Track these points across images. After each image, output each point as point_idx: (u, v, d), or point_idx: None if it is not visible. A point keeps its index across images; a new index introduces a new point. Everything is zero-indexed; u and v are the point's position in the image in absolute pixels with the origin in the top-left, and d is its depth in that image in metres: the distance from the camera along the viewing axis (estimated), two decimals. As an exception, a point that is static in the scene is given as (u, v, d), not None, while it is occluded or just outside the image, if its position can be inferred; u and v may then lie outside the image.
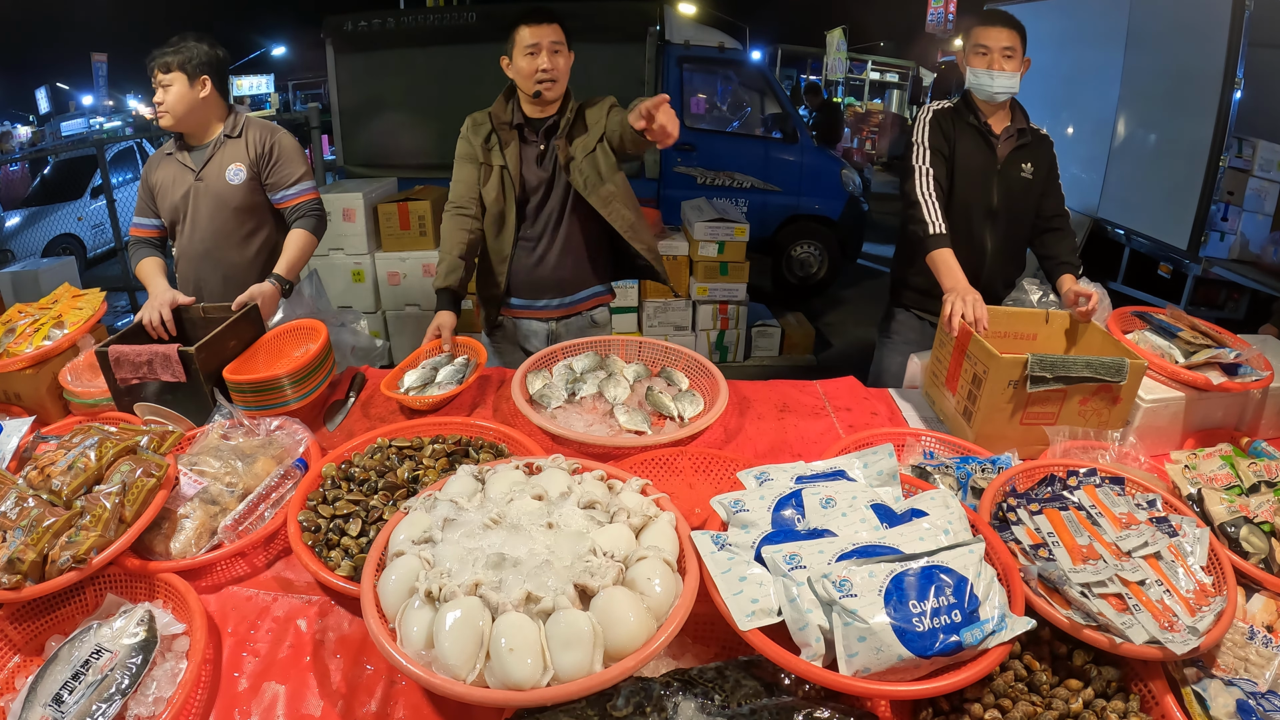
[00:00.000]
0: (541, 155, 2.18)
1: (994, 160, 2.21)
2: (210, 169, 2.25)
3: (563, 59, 2.11)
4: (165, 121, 2.21)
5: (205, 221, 2.26)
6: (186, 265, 2.33)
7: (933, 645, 0.97)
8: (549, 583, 1.02)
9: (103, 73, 16.63)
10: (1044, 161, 2.26)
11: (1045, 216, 2.27)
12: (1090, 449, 1.57)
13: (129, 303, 6.20)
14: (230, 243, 2.29)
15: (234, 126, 2.28)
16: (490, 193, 2.19)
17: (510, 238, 2.22)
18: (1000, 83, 2.13)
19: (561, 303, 2.35)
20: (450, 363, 1.98)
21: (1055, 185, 2.29)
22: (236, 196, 2.25)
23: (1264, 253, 4.30)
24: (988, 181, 2.22)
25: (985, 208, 2.23)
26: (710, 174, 5.95)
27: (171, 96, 2.18)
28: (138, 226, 2.32)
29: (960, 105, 2.25)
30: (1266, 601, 1.24)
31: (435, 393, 1.88)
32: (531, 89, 2.09)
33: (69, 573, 1.21)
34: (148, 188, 2.30)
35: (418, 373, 1.95)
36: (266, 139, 2.27)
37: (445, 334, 2.06)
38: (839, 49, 14.18)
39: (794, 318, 5.28)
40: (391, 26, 5.45)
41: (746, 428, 1.85)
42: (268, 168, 2.27)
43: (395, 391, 1.89)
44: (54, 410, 1.84)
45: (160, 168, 2.29)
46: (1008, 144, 2.22)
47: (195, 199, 2.25)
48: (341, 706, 1.13)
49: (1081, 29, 5.68)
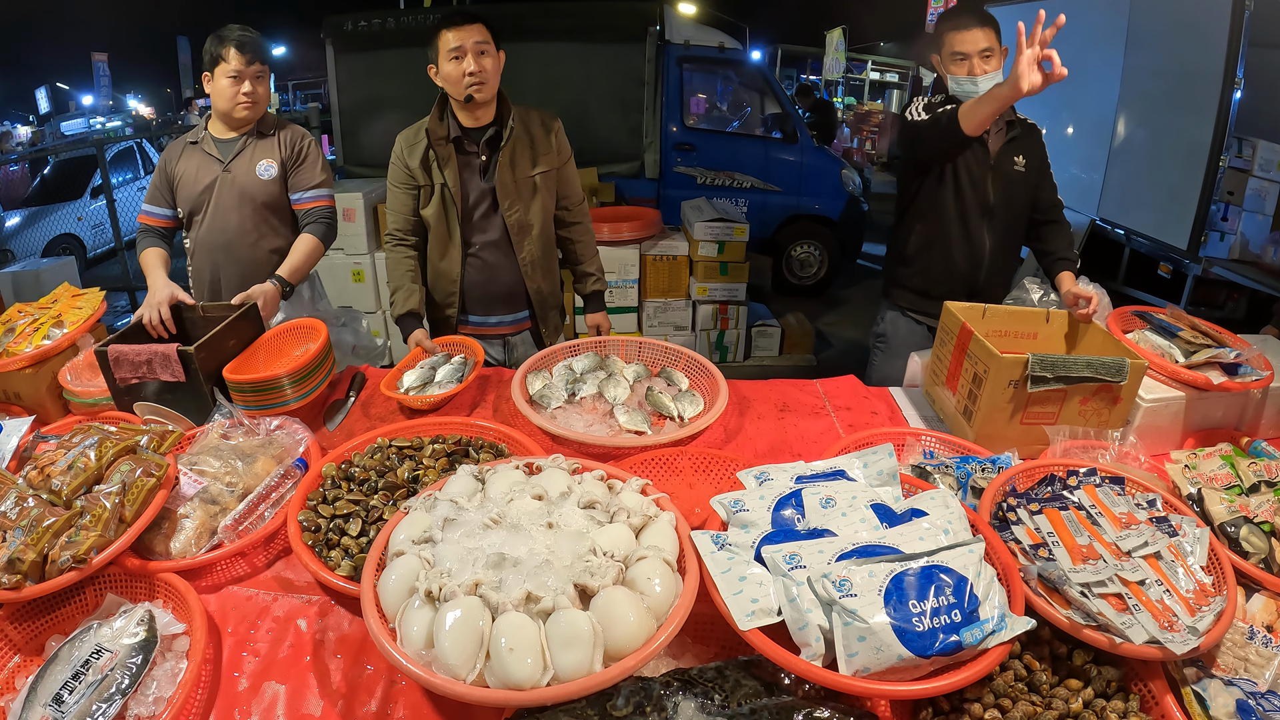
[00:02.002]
0: (484, 167, 2.13)
1: (987, 157, 2.17)
2: (239, 162, 2.25)
3: (490, 60, 2.02)
4: (248, 113, 2.22)
5: (228, 214, 2.27)
6: (203, 257, 2.33)
7: (932, 645, 0.97)
8: (549, 582, 1.02)
9: (103, 72, 16.63)
10: (1035, 152, 2.22)
11: (1041, 209, 2.24)
12: (1090, 449, 1.57)
13: (129, 303, 6.20)
14: (251, 239, 2.29)
15: (268, 124, 2.29)
16: (431, 213, 2.15)
17: (458, 256, 2.19)
18: (985, 86, 2.05)
19: (516, 318, 2.31)
20: (448, 362, 1.98)
21: (1048, 175, 2.26)
22: (265, 192, 2.26)
23: (1264, 253, 4.29)
24: (982, 179, 2.18)
25: (982, 206, 2.20)
26: (710, 174, 5.95)
27: (263, 89, 2.21)
28: (148, 214, 2.30)
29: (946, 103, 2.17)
30: (1266, 601, 1.24)
31: (435, 392, 1.88)
32: (461, 94, 2.02)
33: (69, 573, 1.21)
34: (165, 176, 2.29)
35: (417, 372, 1.95)
36: (299, 140, 2.30)
37: (428, 344, 2.06)
38: (838, 49, 14.17)
39: (794, 318, 5.28)
40: (391, 26, 5.45)
41: (746, 428, 1.85)
42: (294, 167, 2.29)
43: (395, 391, 1.89)
44: (54, 410, 1.84)
45: (183, 157, 2.28)
46: (998, 138, 2.18)
47: (220, 191, 2.25)
48: (341, 706, 1.13)
49: (1081, 29, 5.67)
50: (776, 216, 6.13)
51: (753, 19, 12.82)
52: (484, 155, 2.12)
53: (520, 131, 2.12)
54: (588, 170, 5.35)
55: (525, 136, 2.14)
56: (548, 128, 2.18)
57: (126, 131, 12.83)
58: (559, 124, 2.21)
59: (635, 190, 5.84)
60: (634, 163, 5.86)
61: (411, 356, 2.06)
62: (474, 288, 2.24)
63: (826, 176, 6.19)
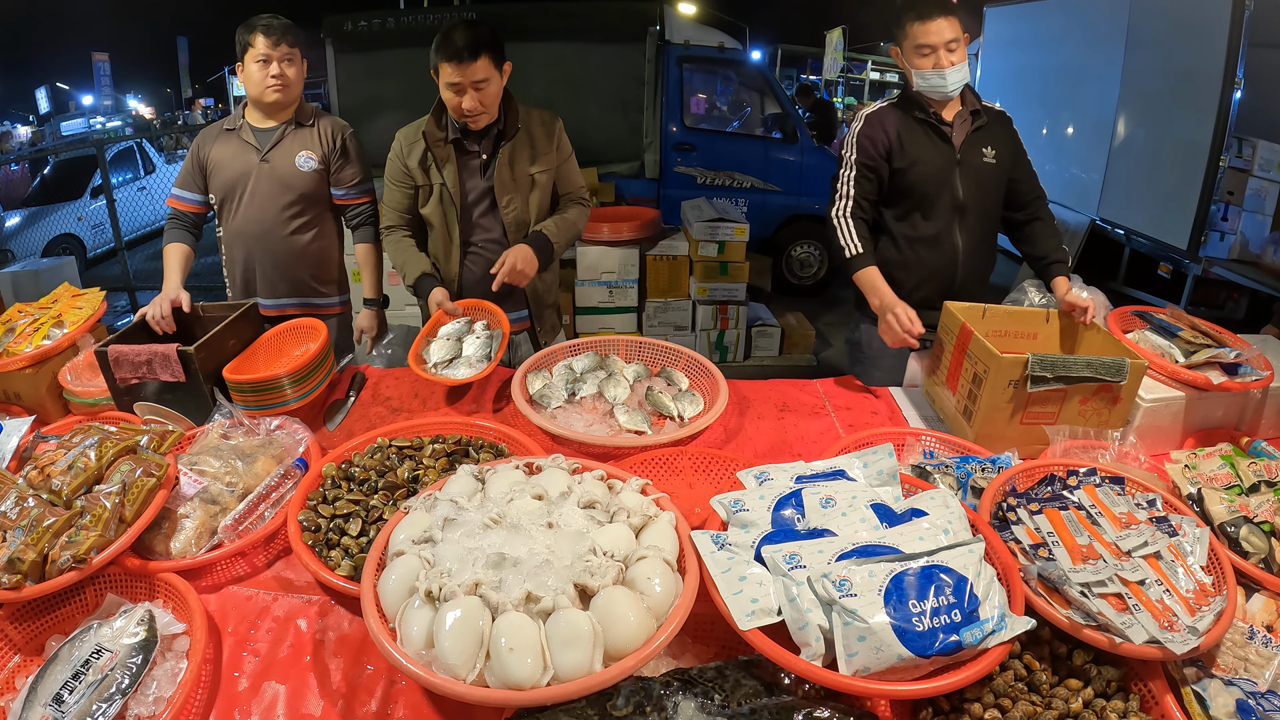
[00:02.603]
0: (484, 166, 2.12)
1: (951, 151, 2.04)
2: (278, 152, 2.25)
3: (492, 88, 1.99)
4: (280, 96, 2.20)
5: (264, 203, 2.26)
6: (238, 247, 2.32)
7: (932, 645, 0.97)
8: (549, 582, 1.02)
9: (103, 72, 16.64)
10: (1007, 143, 2.09)
11: (1022, 204, 2.11)
12: (1090, 449, 1.57)
13: (129, 303, 6.20)
14: (286, 230, 2.29)
15: (306, 114, 2.29)
16: (430, 212, 2.14)
17: (457, 255, 2.18)
18: (953, 79, 1.97)
19: (515, 318, 2.28)
20: (470, 331, 1.96)
21: (1025, 166, 2.11)
22: (303, 184, 2.26)
23: (1264, 253, 4.30)
24: (948, 175, 2.05)
25: (951, 203, 2.07)
26: (710, 174, 5.95)
27: (294, 72, 2.21)
28: (178, 199, 2.29)
29: (902, 101, 2.09)
30: (1266, 601, 1.24)
31: (464, 369, 1.87)
32: (459, 121, 2.04)
33: (69, 573, 1.21)
34: (198, 162, 2.28)
35: (440, 345, 1.92)
36: (340, 134, 2.31)
37: (449, 305, 2.02)
38: (836, 49, 14.18)
39: (794, 318, 5.28)
40: (391, 26, 5.45)
41: (746, 427, 1.85)
42: (337, 161, 2.30)
43: (422, 368, 1.88)
44: (54, 410, 1.84)
45: (218, 143, 2.27)
46: (962, 129, 2.05)
47: (256, 179, 2.25)
48: (341, 706, 1.13)
49: (1081, 29, 5.68)
50: (776, 216, 6.13)
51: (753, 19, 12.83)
52: (485, 154, 2.12)
53: (522, 131, 2.12)
54: (588, 170, 5.35)
55: (526, 136, 2.13)
56: (548, 127, 2.17)
57: (126, 131, 12.85)
58: (559, 124, 2.21)
59: (635, 190, 5.84)
60: (634, 163, 5.86)
61: (434, 321, 2.03)
62: (473, 286, 2.23)
63: (826, 176, 6.16)
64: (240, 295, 2.37)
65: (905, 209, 2.12)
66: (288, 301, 2.37)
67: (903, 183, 2.08)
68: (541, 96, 3.41)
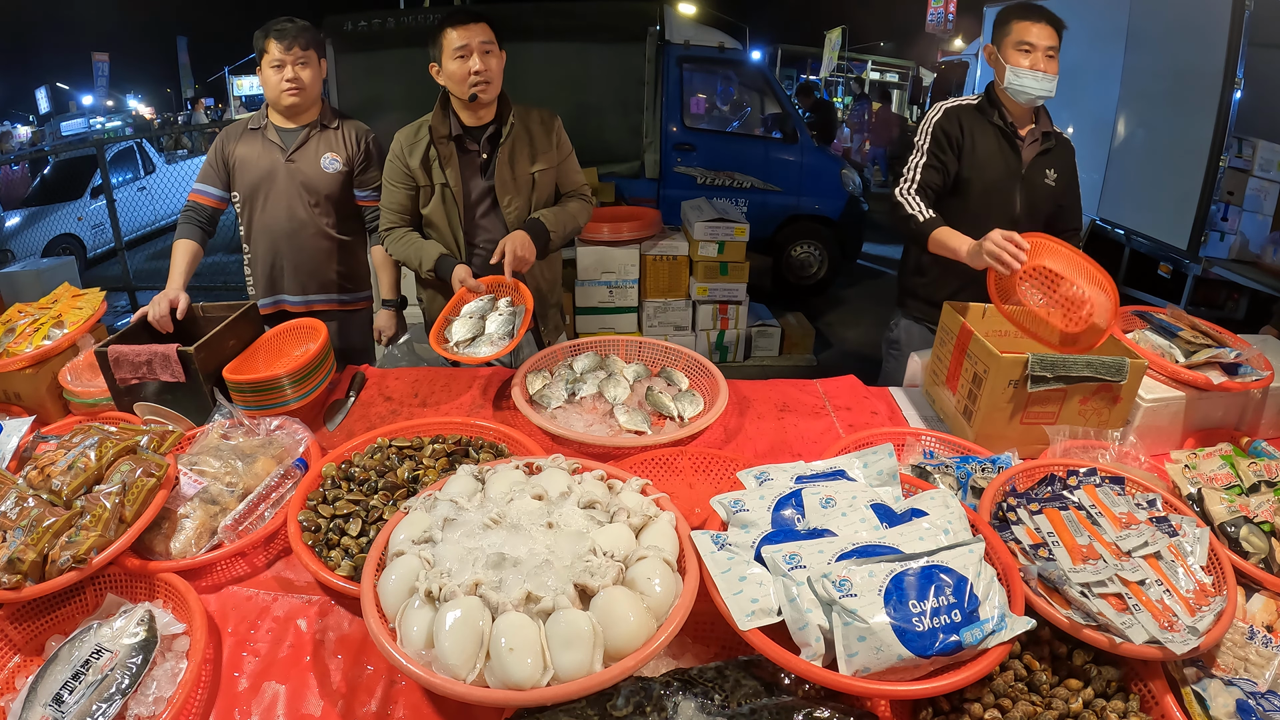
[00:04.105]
0: (484, 165, 2.13)
1: (1018, 165, 2.08)
2: (303, 153, 2.28)
3: (495, 59, 2.03)
4: (294, 100, 2.23)
5: (289, 203, 2.29)
6: (264, 244, 2.35)
7: (932, 645, 0.97)
8: (549, 582, 1.02)
9: (103, 73, 16.63)
10: (1066, 168, 2.13)
11: (1059, 231, 2.03)
12: (1090, 448, 1.57)
13: (129, 303, 6.20)
14: (312, 229, 2.33)
15: (330, 117, 2.32)
16: (433, 212, 2.14)
17: (460, 255, 2.17)
18: (1043, 86, 1.99)
19: None
20: (494, 308, 1.95)
21: (1075, 196, 2.16)
22: (328, 185, 2.30)
23: (1264, 253, 4.29)
24: (1011, 187, 2.08)
25: (1007, 216, 2.08)
26: (710, 174, 5.95)
27: (309, 75, 2.23)
28: (200, 193, 2.31)
29: (984, 103, 2.11)
30: (1266, 601, 1.24)
31: (486, 347, 1.85)
32: (466, 93, 2.01)
33: (69, 573, 1.21)
34: (222, 158, 2.31)
35: (463, 323, 1.91)
36: (364, 137, 2.35)
37: (472, 283, 1.98)
38: (833, 49, 14.19)
39: (794, 318, 5.28)
40: (391, 26, 5.45)
41: (746, 427, 1.85)
42: (361, 164, 2.33)
43: (443, 346, 1.88)
44: (54, 410, 1.84)
45: (243, 141, 2.30)
46: (1033, 148, 2.09)
47: (282, 180, 2.28)
48: (341, 706, 1.13)
49: (1082, 29, 5.65)
50: (776, 216, 6.13)
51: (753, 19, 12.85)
52: (484, 153, 2.12)
53: (520, 129, 2.12)
54: (588, 170, 5.35)
55: (525, 134, 2.13)
56: (547, 126, 2.17)
57: (126, 131, 12.85)
58: (559, 122, 2.21)
59: (635, 190, 5.84)
60: (634, 163, 5.85)
61: (457, 298, 2.01)
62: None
63: (826, 176, 6.19)
64: (264, 292, 2.40)
65: (961, 211, 2.08)
66: (317, 298, 2.41)
67: (965, 183, 2.11)
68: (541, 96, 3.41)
